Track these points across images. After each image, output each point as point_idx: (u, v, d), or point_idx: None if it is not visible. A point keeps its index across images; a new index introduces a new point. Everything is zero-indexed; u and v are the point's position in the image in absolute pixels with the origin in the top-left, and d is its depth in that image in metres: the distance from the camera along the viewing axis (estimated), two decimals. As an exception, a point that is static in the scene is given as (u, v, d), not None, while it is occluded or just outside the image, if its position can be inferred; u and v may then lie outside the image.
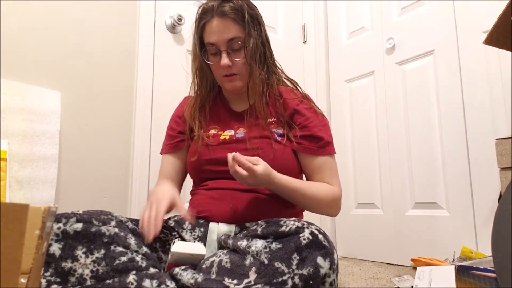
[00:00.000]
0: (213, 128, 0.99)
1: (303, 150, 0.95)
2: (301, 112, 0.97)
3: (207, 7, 0.92)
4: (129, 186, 1.48)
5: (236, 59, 0.91)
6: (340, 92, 2.05)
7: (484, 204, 1.41)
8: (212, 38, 0.91)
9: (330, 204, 0.94)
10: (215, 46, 0.92)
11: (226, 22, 0.90)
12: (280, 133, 0.95)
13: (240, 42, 0.91)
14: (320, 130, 0.96)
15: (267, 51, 0.97)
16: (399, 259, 1.66)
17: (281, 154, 0.92)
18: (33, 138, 1.22)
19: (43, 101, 1.27)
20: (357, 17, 2.00)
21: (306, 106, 0.99)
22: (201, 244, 0.80)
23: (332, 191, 0.94)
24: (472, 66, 1.49)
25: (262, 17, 0.97)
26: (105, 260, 0.69)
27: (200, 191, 0.96)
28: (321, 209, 0.94)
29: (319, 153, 0.95)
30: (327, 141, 0.96)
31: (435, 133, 1.60)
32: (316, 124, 0.96)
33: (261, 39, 0.94)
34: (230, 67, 0.92)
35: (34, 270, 0.44)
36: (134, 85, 1.53)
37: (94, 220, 0.73)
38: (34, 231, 0.43)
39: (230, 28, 0.90)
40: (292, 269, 0.61)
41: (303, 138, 0.95)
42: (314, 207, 0.94)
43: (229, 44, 0.90)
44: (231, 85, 0.95)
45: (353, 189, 1.92)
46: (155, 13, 1.61)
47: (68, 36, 1.39)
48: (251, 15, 0.92)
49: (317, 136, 0.95)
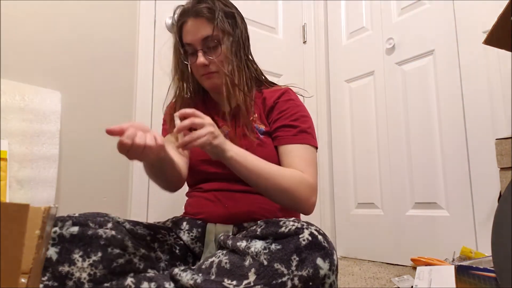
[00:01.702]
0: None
1: (277, 142, 0.93)
2: (280, 104, 0.96)
3: (183, 9, 0.94)
4: (129, 186, 1.48)
5: (212, 58, 0.91)
6: (340, 92, 2.05)
7: (484, 204, 1.41)
8: (188, 38, 0.92)
9: (296, 189, 0.83)
10: (192, 46, 0.93)
11: (200, 22, 0.90)
12: (263, 131, 0.94)
13: (216, 40, 0.91)
14: (297, 119, 0.93)
15: (245, 48, 0.97)
16: (399, 259, 1.66)
17: (266, 152, 0.91)
18: (33, 138, 1.22)
19: (43, 101, 1.27)
20: (357, 17, 2.00)
21: (286, 98, 0.97)
22: None
23: (299, 174, 0.85)
24: (472, 66, 1.49)
25: (240, 15, 0.97)
26: (102, 263, 0.69)
27: (195, 193, 0.96)
28: (284, 193, 0.83)
29: (292, 141, 0.91)
30: (303, 130, 0.92)
31: (435, 133, 1.60)
32: (293, 113, 0.94)
33: (236, 36, 0.93)
34: (207, 66, 0.92)
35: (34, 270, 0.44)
36: (134, 85, 1.53)
37: (91, 222, 0.72)
38: (34, 231, 0.43)
39: (204, 27, 0.90)
40: (291, 270, 0.61)
41: (278, 130, 0.93)
42: (275, 191, 0.82)
43: (204, 42, 0.91)
44: (209, 82, 0.94)
45: (353, 189, 1.92)
46: (155, 13, 1.61)
47: (68, 36, 1.39)
48: (226, 12, 0.92)
49: (292, 125, 0.93)
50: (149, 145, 0.68)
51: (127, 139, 0.66)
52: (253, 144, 0.91)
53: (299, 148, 0.91)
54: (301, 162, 0.88)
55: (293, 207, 0.87)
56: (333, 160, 2.04)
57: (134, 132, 0.68)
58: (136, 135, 0.68)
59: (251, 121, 0.94)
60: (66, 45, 1.38)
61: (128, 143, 0.66)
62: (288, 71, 2.04)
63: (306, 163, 0.89)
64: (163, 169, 0.86)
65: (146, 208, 1.49)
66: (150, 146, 0.68)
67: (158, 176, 0.90)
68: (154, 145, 0.69)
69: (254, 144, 0.91)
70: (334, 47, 2.12)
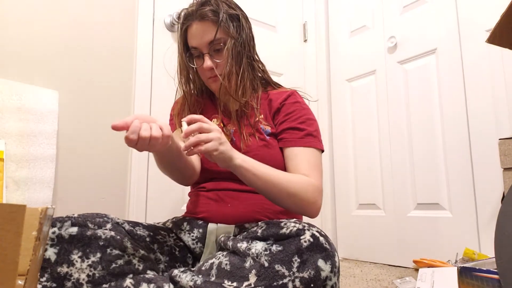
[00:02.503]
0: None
1: (283, 144, 0.94)
2: (286, 106, 0.97)
3: (187, 12, 0.94)
4: (128, 186, 1.47)
5: (218, 61, 0.92)
6: (341, 92, 2.05)
7: (487, 205, 1.41)
8: (193, 42, 0.93)
9: (303, 193, 0.83)
10: (198, 50, 0.93)
11: (205, 25, 0.91)
12: (268, 132, 0.95)
13: (222, 43, 0.92)
14: (303, 122, 0.95)
15: (250, 49, 0.97)
16: (401, 261, 1.66)
17: (271, 154, 0.92)
18: (30, 138, 1.22)
19: (40, 100, 1.27)
20: (358, 15, 2.00)
21: (292, 100, 0.98)
22: None
23: (306, 179, 0.86)
24: (475, 65, 1.49)
25: (244, 15, 0.97)
26: (101, 264, 0.69)
27: (198, 192, 0.97)
28: (291, 198, 0.83)
29: (298, 144, 0.92)
30: (309, 133, 0.94)
31: (437, 132, 1.60)
32: (299, 116, 0.95)
33: (242, 38, 0.94)
34: (214, 69, 0.92)
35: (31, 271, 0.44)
36: (133, 84, 1.53)
37: (89, 223, 0.72)
38: (31, 232, 0.43)
39: (209, 31, 0.90)
40: (292, 272, 0.61)
41: (284, 132, 0.94)
42: (282, 196, 0.83)
43: (210, 46, 0.92)
44: (216, 85, 0.95)
45: (354, 190, 1.92)
46: (154, 11, 1.61)
47: (66, 34, 1.39)
48: (231, 14, 0.93)
49: (299, 128, 0.94)
50: (154, 136, 0.69)
51: (132, 135, 0.67)
52: (258, 145, 0.92)
53: (305, 151, 0.92)
54: (306, 166, 0.89)
55: (300, 211, 0.87)
56: (334, 160, 2.04)
57: (139, 125, 0.68)
58: (140, 127, 0.68)
59: (257, 122, 0.95)
60: (63, 43, 1.38)
61: (134, 138, 0.67)
62: (289, 70, 2.04)
63: (311, 167, 0.89)
64: (174, 159, 0.86)
65: (145, 209, 1.49)
66: (156, 137, 0.69)
67: (170, 167, 0.90)
68: (160, 136, 0.70)
69: (259, 144, 0.92)
70: (335, 46, 2.12)
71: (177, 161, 0.87)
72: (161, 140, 0.70)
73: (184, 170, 0.91)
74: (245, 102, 0.94)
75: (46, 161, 1.24)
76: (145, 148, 0.71)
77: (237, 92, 0.93)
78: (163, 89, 1.59)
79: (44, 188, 1.22)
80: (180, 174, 0.93)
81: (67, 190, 1.34)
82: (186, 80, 1.00)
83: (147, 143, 0.69)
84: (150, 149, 0.72)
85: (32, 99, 1.25)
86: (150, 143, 0.69)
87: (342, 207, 1.97)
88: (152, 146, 0.70)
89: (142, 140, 0.68)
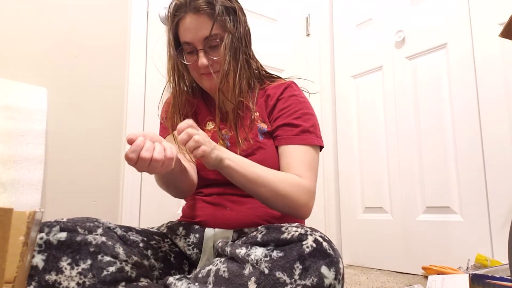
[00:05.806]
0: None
1: (277, 142, 0.93)
2: (282, 101, 0.95)
3: (179, 3, 0.90)
4: (120, 189, 1.48)
5: (214, 57, 0.90)
6: (346, 89, 2.05)
7: (500, 208, 1.41)
8: (187, 37, 0.90)
9: (293, 195, 0.83)
10: (191, 45, 0.90)
11: (200, 18, 0.88)
12: (265, 130, 0.94)
13: (218, 39, 0.89)
14: (299, 117, 0.93)
15: (247, 45, 0.96)
16: (409, 267, 1.66)
17: (266, 155, 0.91)
18: (17, 137, 1.22)
19: (28, 98, 1.27)
20: (364, 8, 2.00)
21: (289, 93, 0.96)
22: None
23: (297, 180, 0.85)
24: (488, 61, 1.49)
25: (240, 7, 0.95)
26: (92, 272, 0.68)
27: (195, 196, 0.97)
28: (280, 200, 0.83)
29: (292, 141, 0.90)
30: (305, 129, 0.92)
31: (447, 132, 1.60)
32: (295, 111, 0.93)
33: (239, 33, 0.92)
34: (208, 67, 0.90)
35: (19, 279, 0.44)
36: (126, 81, 1.53)
37: (79, 228, 0.72)
38: (18, 237, 0.43)
39: (205, 25, 0.88)
40: (294, 279, 0.61)
41: (278, 129, 0.93)
42: (271, 197, 0.83)
43: (206, 42, 0.89)
44: (210, 83, 0.93)
45: (360, 193, 1.92)
46: (148, 4, 1.62)
47: (55, 29, 1.39)
48: (227, 7, 0.90)
49: (294, 124, 0.92)
50: (156, 158, 0.68)
51: (132, 154, 0.67)
52: (253, 148, 0.92)
53: (299, 149, 0.90)
54: (299, 165, 0.88)
55: (290, 212, 0.87)
56: (338, 161, 2.04)
57: (141, 144, 0.67)
58: (142, 147, 0.67)
59: (253, 121, 0.94)
60: (53, 38, 1.38)
61: (133, 158, 0.67)
62: (291, 66, 2.04)
63: (304, 166, 0.89)
64: (174, 179, 0.86)
65: (138, 213, 1.49)
66: (157, 160, 0.68)
67: (169, 185, 0.90)
68: (162, 159, 0.69)
69: (254, 147, 0.92)
70: (339, 40, 2.12)
71: (179, 180, 0.87)
72: (162, 163, 0.69)
73: (184, 187, 0.91)
74: (241, 102, 0.93)
75: (34, 162, 1.24)
76: (145, 170, 0.70)
77: (234, 92, 0.91)
78: (158, 86, 1.58)
79: (32, 191, 1.22)
80: (180, 190, 0.93)
81: (56, 192, 1.34)
82: (177, 77, 0.97)
83: (146, 164, 0.68)
84: (150, 171, 0.71)
85: (19, 96, 1.25)
86: (151, 165, 0.68)
87: (347, 210, 1.97)
88: (152, 168, 0.69)
89: (142, 161, 0.67)
